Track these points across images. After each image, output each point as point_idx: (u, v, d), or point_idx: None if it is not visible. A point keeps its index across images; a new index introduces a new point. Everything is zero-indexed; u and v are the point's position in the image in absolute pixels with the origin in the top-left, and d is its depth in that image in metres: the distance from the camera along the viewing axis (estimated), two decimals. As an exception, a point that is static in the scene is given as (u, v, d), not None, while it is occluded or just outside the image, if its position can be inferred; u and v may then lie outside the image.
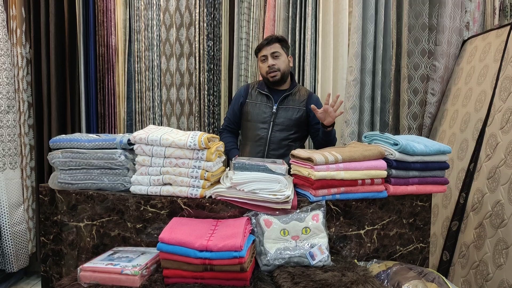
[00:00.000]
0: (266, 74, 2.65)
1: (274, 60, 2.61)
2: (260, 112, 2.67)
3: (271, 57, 2.61)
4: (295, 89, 2.71)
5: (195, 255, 1.49)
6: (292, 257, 1.65)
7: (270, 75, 2.63)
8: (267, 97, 2.68)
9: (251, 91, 2.75)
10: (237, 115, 2.78)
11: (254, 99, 2.71)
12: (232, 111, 2.80)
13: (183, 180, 1.82)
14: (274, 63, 2.61)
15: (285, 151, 2.58)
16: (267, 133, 2.63)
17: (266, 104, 2.68)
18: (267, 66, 2.62)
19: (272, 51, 2.61)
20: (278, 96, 2.68)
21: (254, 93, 2.73)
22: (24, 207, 3.14)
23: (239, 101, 2.76)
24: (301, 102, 2.67)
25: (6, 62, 2.98)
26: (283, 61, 2.65)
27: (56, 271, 1.95)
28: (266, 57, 2.62)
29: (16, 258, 3.02)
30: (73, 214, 1.90)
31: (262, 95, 2.70)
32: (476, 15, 3.23)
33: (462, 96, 2.92)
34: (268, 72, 2.62)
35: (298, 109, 2.66)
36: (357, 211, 1.88)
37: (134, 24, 3.34)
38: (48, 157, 1.94)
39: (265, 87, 2.71)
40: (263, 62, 2.65)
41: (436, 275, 1.63)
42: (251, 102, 2.71)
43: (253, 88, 2.77)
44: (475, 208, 2.49)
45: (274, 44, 2.62)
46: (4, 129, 2.98)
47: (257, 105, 2.69)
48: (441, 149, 1.92)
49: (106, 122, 3.33)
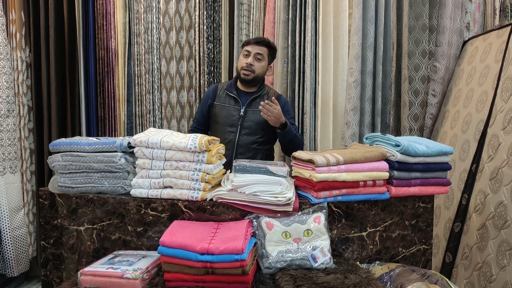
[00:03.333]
0: (240, 69, 2.60)
1: (255, 61, 2.57)
2: (228, 115, 2.61)
3: (253, 56, 2.56)
4: (263, 92, 2.66)
5: (196, 259, 1.48)
6: (294, 259, 1.64)
7: (244, 72, 2.56)
8: (235, 99, 2.63)
9: (219, 93, 2.68)
10: (206, 117, 2.71)
11: (222, 101, 2.65)
12: (201, 113, 2.73)
13: (184, 182, 1.81)
14: (253, 64, 2.55)
15: (253, 155, 2.55)
16: (235, 137, 2.58)
17: (234, 106, 2.62)
18: (245, 63, 2.56)
19: (258, 51, 2.57)
20: (246, 98, 2.62)
21: (222, 95, 2.67)
22: (24, 211, 3.13)
23: (207, 102, 2.69)
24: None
25: (6, 66, 2.98)
26: (262, 66, 2.60)
27: (56, 275, 1.93)
28: (249, 54, 2.57)
29: (16, 262, 3.00)
30: (74, 218, 1.89)
31: (230, 97, 2.64)
32: (476, 16, 3.22)
33: (463, 97, 2.91)
34: (243, 68, 2.57)
35: None
36: (359, 213, 1.87)
37: (133, 27, 3.33)
38: (48, 161, 1.93)
39: (233, 89, 2.66)
40: (245, 57, 2.59)
41: (439, 277, 1.62)
42: (219, 104, 2.65)
43: (221, 89, 2.70)
44: (478, 209, 2.48)
45: (262, 47, 2.59)
46: (4, 133, 2.97)
47: (225, 107, 2.63)
48: (443, 150, 1.91)
49: (106, 125, 3.32)
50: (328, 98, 3.13)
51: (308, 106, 3.10)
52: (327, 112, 3.14)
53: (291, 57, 3.19)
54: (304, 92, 3.13)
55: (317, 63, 3.12)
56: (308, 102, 3.10)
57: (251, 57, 2.56)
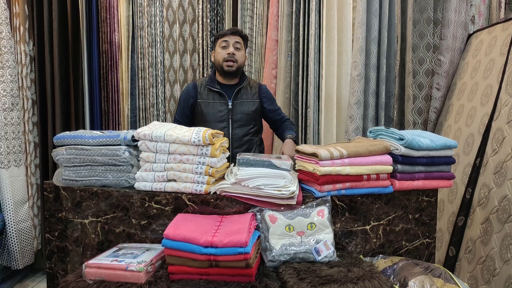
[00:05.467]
0: (222, 61, 2.54)
1: (235, 50, 2.54)
2: (216, 111, 2.57)
3: (233, 46, 2.54)
4: (245, 83, 2.65)
5: (200, 251, 1.48)
6: (297, 253, 1.64)
7: (227, 63, 2.53)
8: (219, 94, 2.59)
9: (200, 90, 2.62)
10: (188, 117, 2.65)
11: (206, 98, 2.60)
12: (182, 113, 2.65)
13: (188, 176, 1.81)
14: (234, 53, 2.53)
15: (248, 146, 2.55)
16: (228, 132, 2.56)
17: (219, 101, 2.58)
18: (227, 53, 2.53)
19: (236, 40, 2.55)
20: (231, 91, 2.60)
21: (204, 92, 2.61)
22: (29, 205, 3.15)
23: (189, 102, 2.62)
24: (254, 95, 2.64)
25: (9, 59, 2.98)
26: (242, 55, 2.59)
27: (61, 268, 1.95)
28: (228, 45, 2.54)
29: (21, 255, 3.02)
30: (78, 211, 1.90)
31: (214, 93, 2.60)
32: (481, 9, 3.20)
33: (468, 90, 2.90)
34: (226, 60, 2.53)
35: (253, 102, 2.62)
36: (363, 207, 1.87)
37: (137, 20, 3.33)
38: (52, 154, 1.93)
39: (215, 84, 2.61)
40: (223, 48, 2.55)
41: (442, 270, 1.62)
42: (203, 101, 2.59)
43: (201, 86, 2.64)
44: (482, 203, 2.47)
45: (238, 36, 2.57)
46: (8, 126, 2.98)
47: (210, 104, 2.59)
48: (447, 143, 1.90)
49: (110, 119, 3.33)
50: (332, 92, 3.13)
51: (311, 99, 3.09)
52: (331, 106, 3.14)
53: (294, 51, 3.18)
54: (307, 85, 3.12)
55: (321, 56, 3.11)
56: (312, 95, 3.10)
57: (231, 47, 2.53)
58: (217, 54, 2.59)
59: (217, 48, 2.59)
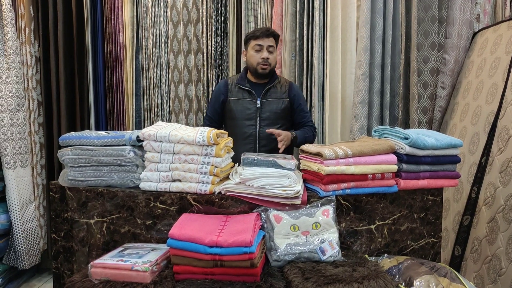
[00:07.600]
0: (256, 65, 2.56)
1: (269, 54, 2.55)
2: (244, 109, 2.59)
3: (267, 50, 2.54)
4: (276, 81, 2.66)
5: (205, 251, 1.49)
6: (302, 252, 1.64)
7: (262, 66, 2.54)
8: (249, 92, 2.61)
9: (231, 88, 2.65)
10: (219, 113, 2.69)
11: (235, 96, 2.63)
12: (213, 109, 2.70)
13: (192, 176, 1.82)
14: (268, 57, 2.54)
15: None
16: (255, 130, 2.57)
17: (249, 99, 2.60)
18: (261, 58, 2.53)
19: (269, 44, 2.55)
20: (260, 90, 2.61)
21: (234, 90, 2.64)
22: (35, 205, 3.17)
23: (219, 99, 2.66)
24: (284, 93, 2.64)
25: (15, 60, 2.99)
26: (274, 58, 2.60)
27: (67, 268, 1.96)
28: (262, 48, 2.54)
29: (28, 255, 3.04)
30: (83, 211, 1.91)
31: (243, 91, 2.62)
32: (486, 7, 3.18)
33: (473, 89, 2.88)
34: (260, 64, 2.54)
35: (282, 100, 2.62)
36: (368, 206, 1.86)
37: (141, 21, 3.33)
38: (58, 155, 1.95)
39: (246, 82, 2.64)
40: (257, 52, 2.55)
41: (448, 270, 1.61)
42: (233, 99, 2.63)
43: (232, 84, 2.66)
44: (488, 202, 2.46)
45: (271, 38, 2.57)
46: (14, 127, 3.00)
47: (239, 101, 2.62)
48: (452, 142, 1.90)
49: (115, 119, 3.34)
50: (336, 91, 3.12)
51: (316, 99, 3.09)
52: (335, 105, 3.13)
53: (299, 50, 3.17)
54: (312, 85, 3.12)
55: (325, 56, 3.10)
56: (316, 95, 3.09)
57: (265, 51, 2.54)
58: (250, 57, 2.59)
59: (250, 50, 2.59)
